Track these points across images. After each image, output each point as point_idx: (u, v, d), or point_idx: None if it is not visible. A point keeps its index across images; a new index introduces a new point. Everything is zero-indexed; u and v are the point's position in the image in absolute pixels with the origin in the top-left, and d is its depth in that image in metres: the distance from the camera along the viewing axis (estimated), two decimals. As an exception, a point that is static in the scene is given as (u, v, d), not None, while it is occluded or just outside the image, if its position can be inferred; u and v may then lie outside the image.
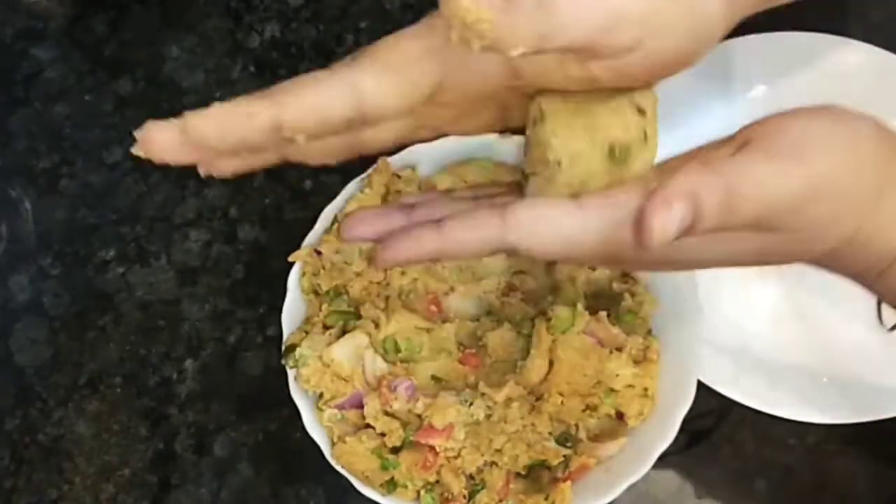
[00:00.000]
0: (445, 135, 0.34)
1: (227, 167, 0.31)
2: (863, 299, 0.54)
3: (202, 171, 0.31)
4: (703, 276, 0.50)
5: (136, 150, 0.28)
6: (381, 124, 0.31)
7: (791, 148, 0.29)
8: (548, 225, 0.29)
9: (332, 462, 0.47)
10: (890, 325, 0.36)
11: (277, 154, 0.31)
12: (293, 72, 0.70)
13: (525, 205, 0.30)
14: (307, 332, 0.49)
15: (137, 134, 0.28)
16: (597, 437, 0.48)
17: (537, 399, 0.47)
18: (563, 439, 0.47)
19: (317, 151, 0.32)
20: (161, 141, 0.28)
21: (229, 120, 0.28)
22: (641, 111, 0.30)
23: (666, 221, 0.27)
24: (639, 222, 0.28)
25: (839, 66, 0.58)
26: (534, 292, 0.51)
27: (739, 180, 0.29)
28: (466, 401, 0.47)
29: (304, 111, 0.28)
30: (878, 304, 0.36)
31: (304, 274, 0.50)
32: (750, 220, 0.29)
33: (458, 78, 0.30)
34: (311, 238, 0.51)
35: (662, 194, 0.28)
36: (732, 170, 0.29)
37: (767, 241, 0.30)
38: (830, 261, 0.32)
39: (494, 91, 0.31)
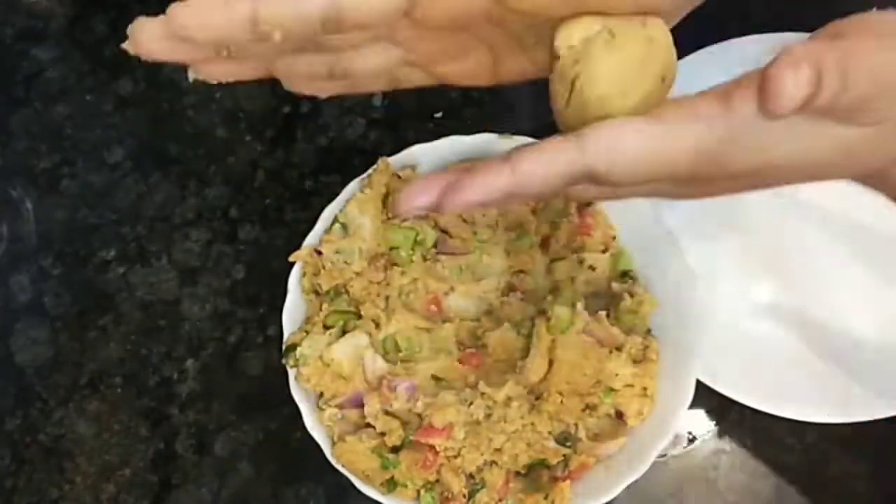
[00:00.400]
0: (435, 82, 0.33)
1: (215, 71, 0.30)
2: (861, 299, 0.54)
3: (191, 75, 0.30)
4: (703, 275, 0.50)
5: (125, 46, 0.28)
6: (365, 48, 0.31)
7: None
8: (631, 140, 0.28)
9: (333, 461, 0.47)
10: None
11: (263, 64, 0.31)
12: (293, 72, 0.70)
13: (602, 125, 0.28)
14: (307, 332, 0.49)
15: (129, 30, 0.28)
16: (596, 437, 0.48)
17: (537, 398, 0.47)
18: (563, 439, 0.47)
19: (302, 73, 0.31)
20: (148, 34, 0.28)
21: (208, 9, 0.27)
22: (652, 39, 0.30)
23: (795, 84, 0.27)
24: (764, 87, 0.27)
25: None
26: (534, 292, 0.51)
27: (856, 54, 0.28)
28: (466, 400, 0.47)
29: (280, 2, 0.27)
30: None
31: (304, 274, 0.50)
32: (857, 99, 0.28)
33: None
34: (311, 238, 0.51)
35: (789, 58, 0.27)
36: (849, 44, 0.28)
37: (857, 137, 0.29)
38: None
39: (479, 16, 0.30)
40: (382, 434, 0.47)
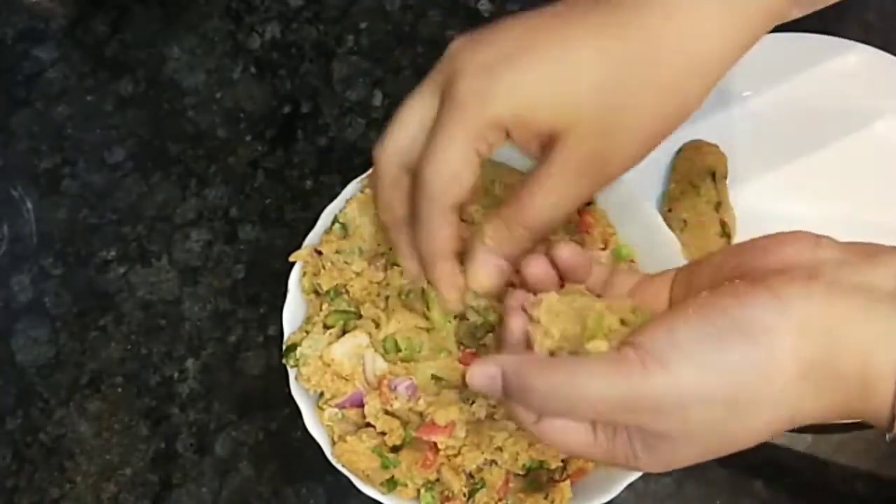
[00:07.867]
0: None
1: None
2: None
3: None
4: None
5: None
6: None
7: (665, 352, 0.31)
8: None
9: (333, 461, 0.48)
10: None
11: None
12: (294, 72, 0.71)
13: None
14: (308, 332, 0.49)
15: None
16: (596, 437, 0.48)
17: (537, 398, 0.47)
18: (563, 438, 0.47)
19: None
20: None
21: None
22: None
23: (475, 378, 0.35)
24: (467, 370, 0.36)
25: (836, 67, 0.58)
26: (533, 292, 0.51)
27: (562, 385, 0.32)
28: (468, 399, 0.47)
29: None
30: None
31: (304, 274, 0.50)
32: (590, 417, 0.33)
33: None
34: (311, 238, 0.51)
35: (481, 361, 0.35)
36: (561, 373, 0.33)
37: (647, 440, 0.33)
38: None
39: None
40: (382, 434, 0.47)
